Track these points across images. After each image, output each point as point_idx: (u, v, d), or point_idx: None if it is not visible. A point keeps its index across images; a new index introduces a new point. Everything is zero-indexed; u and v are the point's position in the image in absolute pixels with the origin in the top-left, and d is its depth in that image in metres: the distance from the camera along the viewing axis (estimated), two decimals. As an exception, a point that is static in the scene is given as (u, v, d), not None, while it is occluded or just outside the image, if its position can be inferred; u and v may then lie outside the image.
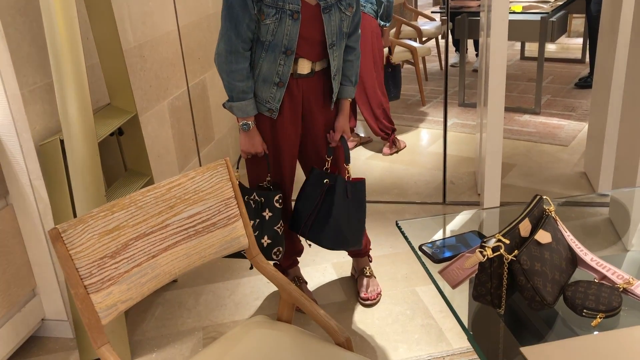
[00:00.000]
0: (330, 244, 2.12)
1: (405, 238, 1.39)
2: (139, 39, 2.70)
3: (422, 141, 4.17)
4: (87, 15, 2.21)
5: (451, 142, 4.02)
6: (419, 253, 1.32)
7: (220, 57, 1.95)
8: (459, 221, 1.63)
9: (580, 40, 6.16)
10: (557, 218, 1.20)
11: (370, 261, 2.53)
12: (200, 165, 3.28)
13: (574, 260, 1.18)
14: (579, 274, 1.19)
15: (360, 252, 2.44)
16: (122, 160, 2.48)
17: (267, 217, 2.11)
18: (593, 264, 1.16)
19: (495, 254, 1.05)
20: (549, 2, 4.45)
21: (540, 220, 1.17)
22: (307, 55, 1.98)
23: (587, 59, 5.31)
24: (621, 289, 1.10)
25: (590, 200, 3.17)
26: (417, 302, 2.38)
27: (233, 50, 1.92)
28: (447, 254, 1.30)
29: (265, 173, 2.15)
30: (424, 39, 5.32)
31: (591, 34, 4.56)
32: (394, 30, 5.44)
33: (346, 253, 2.68)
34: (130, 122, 2.34)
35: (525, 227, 1.12)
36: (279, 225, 2.12)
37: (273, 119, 2.06)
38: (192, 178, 1.51)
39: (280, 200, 2.11)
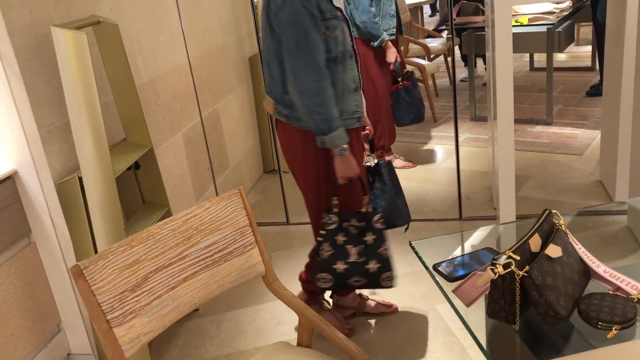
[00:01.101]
0: (401, 219, 2.24)
1: (419, 258, 1.41)
2: (151, 73, 2.77)
3: (436, 158, 4.19)
4: (99, 54, 2.28)
5: (465, 157, 4.02)
6: (433, 273, 1.33)
7: (308, 94, 1.87)
8: (474, 238, 1.64)
9: (589, 48, 6.15)
10: (568, 231, 1.21)
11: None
12: (217, 194, 3.33)
13: (587, 273, 1.19)
14: (593, 286, 1.19)
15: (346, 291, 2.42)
16: (140, 193, 2.53)
17: (369, 242, 2.05)
18: (606, 276, 1.16)
19: (506, 271, 1.06)
20: (555, 12, 4.46)
21: (550, 234, 1.18)
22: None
23: (597, 67, 5.30)
24: (635, 300, 1.10)
25: (608, 209, 3.14)
26: (438, 320, 2.37)
27: (321, 78, 1.87)
28: (461, 272, 1.31)
29: (362, 196, 2.10)
30: (432, 55, 5.36)
31: (599, 42, 4.56)
32: (402, 49, 5.48)
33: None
34: (146, 155, 2.40)
35: (535, 242, 1.13)
36: (384, 247, 2.06)
37: (357, 130, 2.08)
38: (207, 209, 1.55)
39: (382, 220, 2.07)
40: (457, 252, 1.46)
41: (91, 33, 2.24)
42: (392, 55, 3.54)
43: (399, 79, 3.61)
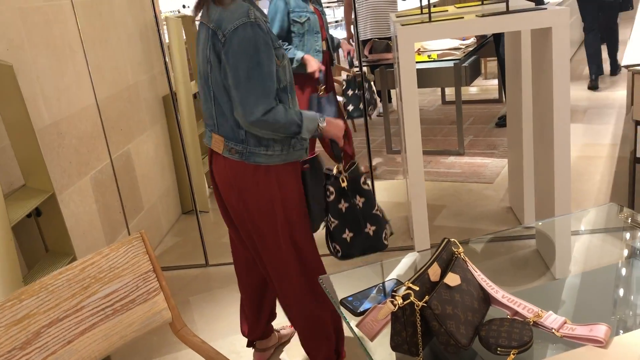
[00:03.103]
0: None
1: (327, 294, 1.39)
2: (55, 116, 2.66)
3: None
4: (-6, 98, 2.17)
5: (382, 189, 4.09)
6: (340, 308, 1.32)
7: (262, 125, 1.78)
8: (399, 268, 1.65)
9: (496, 82, 6.49)
10: (467, 259, 1.23)
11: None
12: (130, 238, 3.20)
13: (487, 299, 1.21)
14: (494, 312, 1.21)
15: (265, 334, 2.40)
16: (43, 241, 2.39)
17: (360, 205, 1.95)
18: (504, 301, 1.19)
19: (406, 302, 1.06)
20: (461, 48, 4.69)
21: (449, 263, 1.19)
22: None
23: (504, 99, 5.59)
24: (532, 323, 1.13)
25: (518, 234, 3.28)
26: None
27: (274, 109, 1.77)
28: (368, 306, 1.30)
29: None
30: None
31: (502, 76, 4.82)
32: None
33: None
34: (48, 201, 2.27)
35: (434, 272, 1.14)
36: (376, 208, 1.99)
37: (302, 164, 2.01)
38: (106, 255, 1.47)
39: (368, 182, 2.01)
40: (364, 286, 1.46)
41: (-16, 75, 2.13)
42: (314, 64, 3.49)
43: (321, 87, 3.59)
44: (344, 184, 1.92)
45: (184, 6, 14.87)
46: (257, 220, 1.94)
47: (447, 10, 2.97)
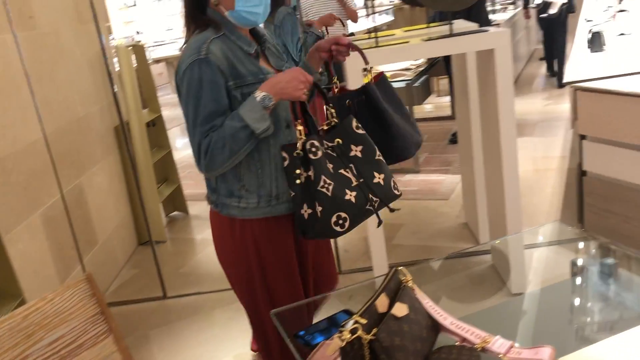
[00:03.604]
0: (407, 150, 1.72)
1: (280, 328, 1.38)
2: (-1, 153, 2.59)
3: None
4: None
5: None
6: (291, 343, 1.31)
7: (209, 166, 1.57)
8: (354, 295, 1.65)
9: (448, 98, 6.62)
10: (415, 287, 1.24)
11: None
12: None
13: (435, 327, 1.21)
14: (443, 339, 1.22)
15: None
16: (-11, 284, 2.30)
17: (359, 155, 1.58)
18: (453, 328, 1.19)
19: (354, 336, 1.06)
20: (411, 69, 4.78)
21: (397, 292, 1.20)
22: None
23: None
24: (479, 349, 1.14)
25: (474, 250, 3.33)
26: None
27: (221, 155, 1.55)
28: (319, 339, 1.29)
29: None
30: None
31: (452, 93, 4.92)
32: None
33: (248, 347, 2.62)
34: (-7, 243, 2.20)
35: (382, 303, 1.15)
36: (378, 153, 1.60)
37: (289, 218, 1.69)
38: (50, 301, 1.43)
39: (359, 124, 1.62)
40: (320, 317, 1.45)
41: None
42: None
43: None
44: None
45: (137, 32, 14.70)
46: (232, 278, 1.80)
47: (394, 34, 3.02)
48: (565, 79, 2.90)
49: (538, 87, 7.08)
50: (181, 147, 7.02)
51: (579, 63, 3.21)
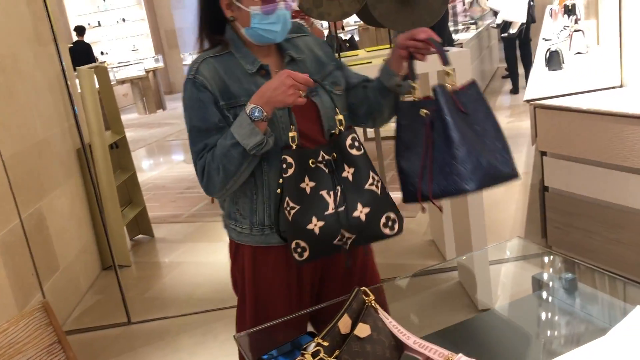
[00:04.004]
0: (474, 181, 1.34)
1: (243, 352, 1.35)
2: (-47, 178, 2.51)
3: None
4: None
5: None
6: (255, 367, 1.28)
7: (208, 187, 1.49)
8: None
9: (415, 116, 6.72)
10: (378, 306, 1.23)
11: None
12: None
13: (399, 347, 1.21)
14: (406, 359, 1.22)
15: None
16: (-58, 314, 2.21)
17: (349, 178, 1.43)
18: (416, 347, 1.19)
19: (316, 359, 1.04)
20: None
21: (360, 313, 1.19)
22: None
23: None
24: (443, 367, 1.14)
25: (441, 267, 3.35)
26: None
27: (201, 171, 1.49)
28: (283, 363, 1.27)
29: None
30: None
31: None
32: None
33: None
34: (-54, 271, 2.12)
35: (345, 324, 1.14)
36: (372, 179, 1.43)
37: (283, 249, 1.52)
38: (4, 331, 1.38)
39: (358, 141, 1.44)
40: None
41: None
42: None
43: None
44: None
45: (101, 53, 14.57)
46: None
47: (357, 55, 3.05)
48: (525, 97, 2.97)
49: (501, 104, 7.23)
50: (146, 169, 6.94)
51: (538, 81, 3.29)
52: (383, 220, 1.39)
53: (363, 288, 1.24)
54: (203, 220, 4.67)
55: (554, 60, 3.40)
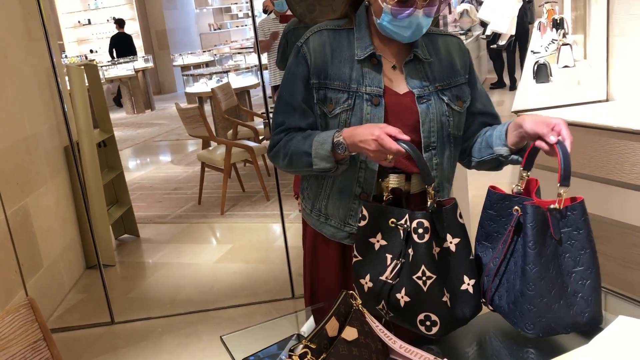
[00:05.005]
0: (535, 328, 1.20)
1: (230, 354, 1.36)
2: (-61, 172, 2.49)
3: (269, 236, 4.21)
4: None
5: (295, 234, 4.09)
6: (241, 368, 1.29)
7: (272, 157, 1.52)
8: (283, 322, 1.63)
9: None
10: (365, 310, 1.25)
11: None
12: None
13: (385, 351, 1.22)
14: (392, 363, 1.23)
15: None
16: None
17: (411, 256, 1.27)
18: (402, 351, 1.20)
19: (303, 361, 1.05)
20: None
21: (347, 316, 1.20)
22: (398, 164, 1.39)
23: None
24: (428, 372, 1.15)
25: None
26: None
27: (275, 143, 1.49)
28: (269, 364, 1.28)
29: None
30: (260, 137, 5.50)
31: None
32: (230, 132, 5.57)
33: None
34: None
35: (332, 327, 1.15)
36: (420, 272, 1.25)
37: (344, 248, 1.52)
38: (-12, 327, 1.37)
39: (422, 230, 1.25)
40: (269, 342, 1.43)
41: None
42: None
43: None
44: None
45: (91, 51, 14.47)
46: None
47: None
48: (513, 108, 3.01)
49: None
50: (134, 169, 6.91)
51: (526, 93, 3.34)
52: (421, 317, 1.27)
53: (351, 292, 1.26)
54: (189, 222, 4.66)
55: (541, 73, 3.45)
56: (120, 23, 11.59)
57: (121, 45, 11.57)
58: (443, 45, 1.50)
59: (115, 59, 11.36)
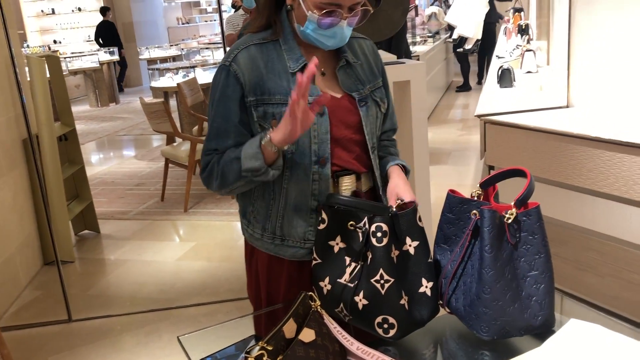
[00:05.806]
0: (491, 330, 1.21)
1: (186, 355, 1.34)
2: None
3: (233, 234, 4.18)
4: None
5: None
6: (197, 369, 1.27)
7: (204, 180, 1.44)
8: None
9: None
10: (323, 312, 1.25)
11: None
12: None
13: (342, 352, 1.22)
14: (350, 364, 1.23)
15: None
16: None
17: (369, 260, 1.28)
18: (359, 353, 1.20)
19: (259, 363, 1.05)
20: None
21: (305, 317, 1.20)
22: (348, 165, 1.44)
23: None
24: (384, 374, 1.16)
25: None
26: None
27: (206, 164, 1.43)
28: (226, 366, 1.26)
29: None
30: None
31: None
32: (196, 128, 5.51)
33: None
34: None
35: (290, 328, 1.14)
36: (379, 275, 1.26)
37: (303, 266, 1.47)
38: None
39: (380, 234, 1.27)
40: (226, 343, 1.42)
41: None
42: None
43: None
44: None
45: (55, 41, 14.17)
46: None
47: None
48: (476, 112, 3.05)
49: (454, 118, 7.40)
50: (96, 163, 6.77)
51: (490, 97, 3.39)
52: (379, 320, 1.27)
53: (310, 293, 1.25)
54: (152, 219, 4.60)
55: (505, 77, 3.51)
56: (103, 11, 11.76)
57: (106, 34, 11.69)
58: (359, 48, 1.52)
59: (103, 48, 11.34)
